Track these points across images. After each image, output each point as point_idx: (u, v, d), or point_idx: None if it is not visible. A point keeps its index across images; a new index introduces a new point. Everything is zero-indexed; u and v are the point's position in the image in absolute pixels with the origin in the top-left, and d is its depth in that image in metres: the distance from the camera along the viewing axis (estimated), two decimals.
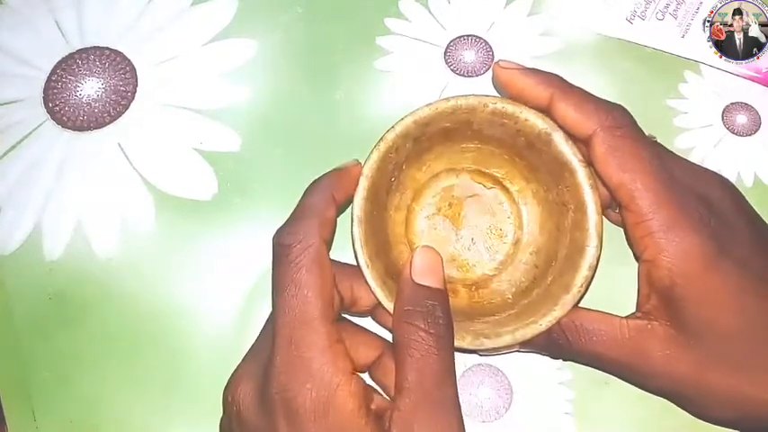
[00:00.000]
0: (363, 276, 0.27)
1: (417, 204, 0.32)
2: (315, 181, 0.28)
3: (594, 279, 0.27)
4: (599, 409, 0.32)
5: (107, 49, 0.39)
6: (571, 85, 0.28)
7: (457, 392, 0.24)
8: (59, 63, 0.38)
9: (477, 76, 0.38)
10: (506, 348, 0.28)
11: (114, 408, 0.33)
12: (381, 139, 0.29)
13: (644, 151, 0.26)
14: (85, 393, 0.33)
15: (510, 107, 0.29)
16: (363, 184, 0.28)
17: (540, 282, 0.29)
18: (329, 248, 0.26)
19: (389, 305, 0.27)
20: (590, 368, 0.29)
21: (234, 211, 0.35)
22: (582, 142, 0.28)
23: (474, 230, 0.32)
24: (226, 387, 0.26)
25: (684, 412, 0.28)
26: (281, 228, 0.26)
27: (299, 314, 0.24)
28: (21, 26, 0.39)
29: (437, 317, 0.25)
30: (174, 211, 0.35)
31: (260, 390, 0.24)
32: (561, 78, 0.28)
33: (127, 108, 0.37)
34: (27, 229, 0.35)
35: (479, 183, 0.32)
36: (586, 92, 0.28)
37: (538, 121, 0.28)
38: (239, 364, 0.27)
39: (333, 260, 0.26)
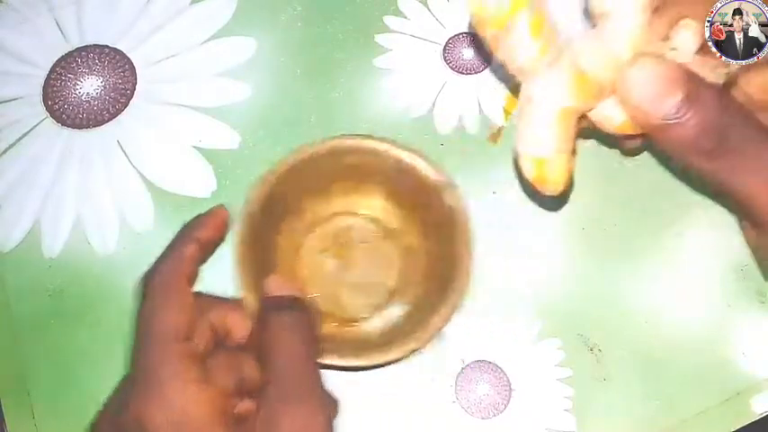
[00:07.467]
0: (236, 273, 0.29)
1: (313, 235, 0.33)
2: (183, 225, 0.29)
3: None
4: (598, 406, 0.32)
5: (106, 47, 0.39)
6: None
7: (316, 383, 0.25)
8: (59, 61, 0.38)
9: (475, 73, 0.38)
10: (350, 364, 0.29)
11: None
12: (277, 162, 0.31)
13: None
14: (84, 390, 0.33)
15: (377, 144, 0.31)
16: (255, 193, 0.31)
17: (406, 326, 0.30)
18: (191, 280, 0.27)
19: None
20: (589, 366, 0.29)
21: (232, 209, 0.35)
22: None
23: (360, 275, 0.32)
24: None
25: (682, 410, 0.28)
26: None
27: (152, 335, 0.25)
28: (20, 25, 0.39)
29: (283, 320, 0.26)
30: (172, 209, 0.35)
31: (116, 423, 0.25)
32: None
33: (126, 106, 0.37)
34: (26, 227, 0.35)
35: (375, 232, 0.33)
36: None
37: (402, 153, 0.31)
38: (98, 411, 0.27)
39: (204, 294, 0.28)
